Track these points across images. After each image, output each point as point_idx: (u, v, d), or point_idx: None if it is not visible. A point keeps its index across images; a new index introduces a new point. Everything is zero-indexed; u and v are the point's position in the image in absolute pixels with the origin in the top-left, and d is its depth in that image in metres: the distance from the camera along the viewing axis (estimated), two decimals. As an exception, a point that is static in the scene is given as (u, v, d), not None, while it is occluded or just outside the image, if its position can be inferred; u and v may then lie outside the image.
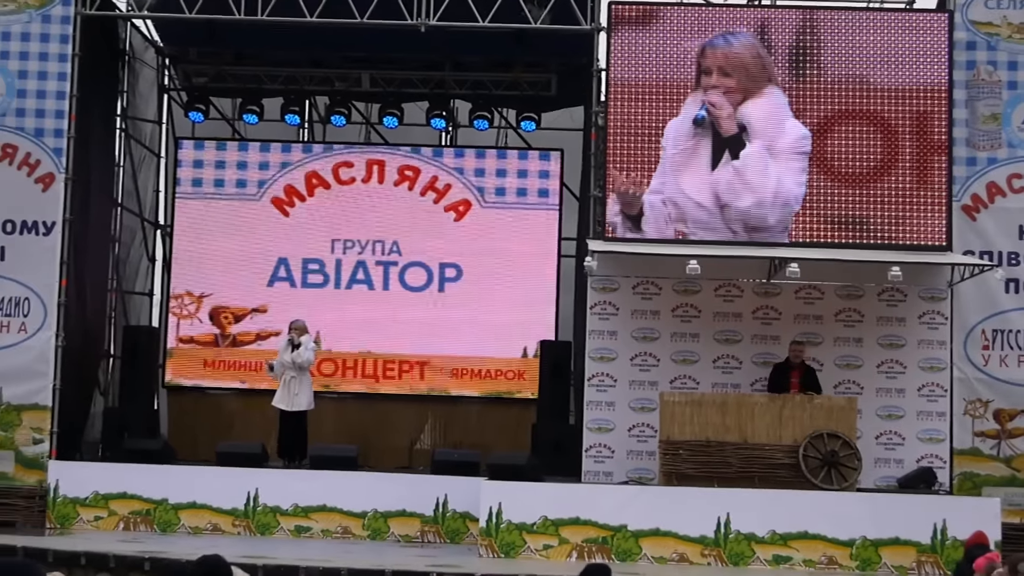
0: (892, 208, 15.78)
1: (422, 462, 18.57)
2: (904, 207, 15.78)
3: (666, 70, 15.95)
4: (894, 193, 15.79)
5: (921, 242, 15.71)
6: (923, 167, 15.83)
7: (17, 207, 16.63)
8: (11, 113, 16.74)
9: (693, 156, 15.84)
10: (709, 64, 15.96)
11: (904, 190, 15.79)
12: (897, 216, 15.77)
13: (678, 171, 15.81)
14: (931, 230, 15.74)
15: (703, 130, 15.80)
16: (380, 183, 19.96)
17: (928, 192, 15.80)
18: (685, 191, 15.77)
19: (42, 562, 12.31)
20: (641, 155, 15.84)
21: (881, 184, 15.81)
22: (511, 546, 14.57)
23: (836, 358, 16.25)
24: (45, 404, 16.44)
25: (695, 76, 15.96)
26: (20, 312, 16.49)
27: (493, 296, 19.53)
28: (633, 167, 15.84)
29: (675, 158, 15.81)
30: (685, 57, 15.95)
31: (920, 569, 14.32)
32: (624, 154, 15.86)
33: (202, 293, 19.78)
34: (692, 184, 15.77)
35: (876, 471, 15.84)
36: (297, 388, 16.70)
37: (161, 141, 20.86)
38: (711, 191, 15.75)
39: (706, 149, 15.84)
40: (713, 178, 15.76)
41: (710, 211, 15.76)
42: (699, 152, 15.84)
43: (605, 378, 16.19)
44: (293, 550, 14.36)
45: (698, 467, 14.83)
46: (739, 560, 14.39)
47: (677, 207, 15.78)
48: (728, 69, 15.95)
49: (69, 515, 15.99)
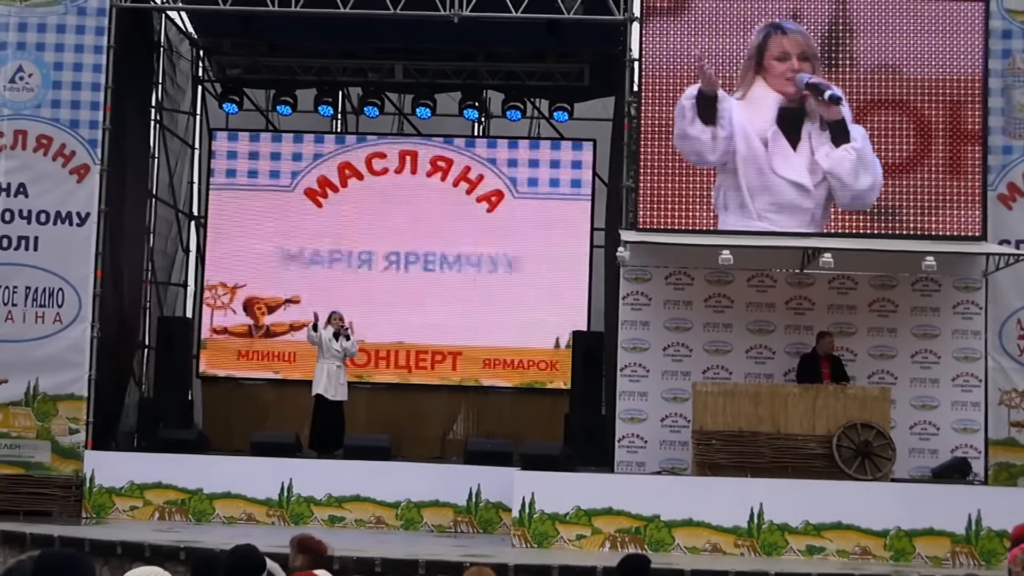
0: (926, 198, 15.69)
1: (455, 452, 18.60)
2: (938, 197, 15.69)
3: (699, 60, 15.87)
4: (928, 183, 15.70)
5: (956, 232, 15.62)
6: (958, 156, 15.73)
7: (52, 198, 16.72)
8: (47, 104, 16.83)
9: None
10: (786, 50, 15.77)
11: (938, 180, 15.70)
12: (931, 206, 15.69)
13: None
14: (966, 220, 15.65)
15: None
16: (413, 174, 19.99)
17: (963, 182, 15.70)
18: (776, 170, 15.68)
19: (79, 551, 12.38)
20: (674, 146, 15.79)
21: (915, 174, 15.72)
22: (544, 536, 14.59)
23: (870, 348, 16.20)
24: (81, 394, 16.54)
25: (755, 62, 15.82)
26: (55, 303, 16.59)
27: (525, 287, 19.53)
28: (666, 158, 15.80)
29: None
30: (718, 47, 15.87)
31: (954, 560, 14.26)
32: (657, 144, 15.82)
33: (236, 284, 19.87)
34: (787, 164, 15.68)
35: (910, 461, 15.78)
36: (342, 378, 17.01)
37: (195, 132, 20.94)
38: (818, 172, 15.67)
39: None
40: (831, 158, 15.68)
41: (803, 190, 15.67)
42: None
43: (638, 368, 16.18)
44: (327, 540, 14.36)
45: (731, 457, 14.81)
46: (772, 550, 14.37)
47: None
48: (808, 54, 15.82)
49: (105, 505, 16.09)
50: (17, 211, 16.70)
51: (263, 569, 5.82)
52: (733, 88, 15.78)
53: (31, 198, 16.70)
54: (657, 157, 15.81)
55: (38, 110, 16.82)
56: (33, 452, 16.49)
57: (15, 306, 16.59)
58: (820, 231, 15.60)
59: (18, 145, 16.77)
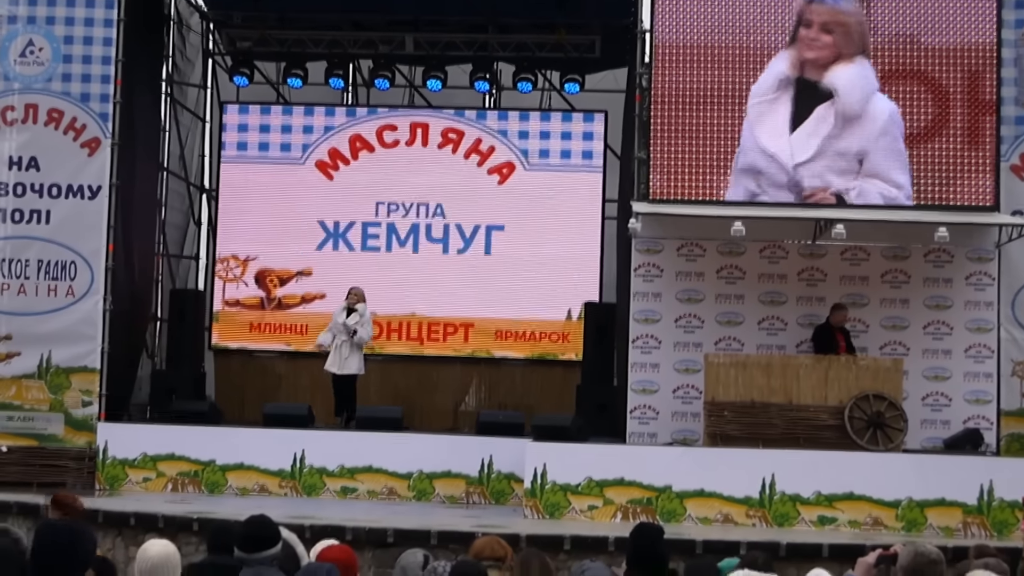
0: (939, 168, 15.62)
1: (467, 423, 18.64)
2: (952, 167, 15.62)
3: (711, 30, 15.84)
4: (942, 153, 15.63)
5: (968, 202, 15.57)
6: (971, 127, 15.64)
7: (63, 172, 16.73)
8: (57, 78, 16.82)
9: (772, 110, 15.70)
10: (812, 18, 15.69)
11: (952, 150, 15.63)
12: (944, 176, 15.63)
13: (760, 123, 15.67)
14: (978, 190, 15.60)
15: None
16: (424, 146, 19.96)
17: (976, 152, 15.63)
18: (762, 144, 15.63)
19: (92, 523, 12.44)
20: (686, 117, 15.75)
21: (929, 144, 15.65)
22: (556, 507, 14.62)
23: (882, 319, 16.18)
24: (94, 367, 16.59)
25: (793, 28, 15.73)
26: (67, 276, 16.62)
27: (537, 258, 19.51)
28: (678, 129, 15.75)
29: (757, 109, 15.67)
30: (730, 17, 15.81)
31: (966, 530, 14.26)
32: (669, 116, 15.77)
33: (247, 256, 19.88)
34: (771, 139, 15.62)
35: (922, 432, 15.79)
36: (347, 352, 16.92)
37: (206, 105, 20.93)
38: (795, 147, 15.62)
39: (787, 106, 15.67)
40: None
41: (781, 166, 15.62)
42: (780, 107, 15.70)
43: (649, 339, 16.18)
44: (339, 511, 14.46)
45: (743, 428, 14.83)
46: (784, 521, 14.39)
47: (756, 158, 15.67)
48: (832, 26, 15.71)
49: (118, 476, 16.15)
50: (29, 185, 16.71)
51: (278, 540, 5.83)
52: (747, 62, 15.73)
53: (42, 172, 16.72)
54: (669, 128, 15.77)
55: (49, 84, 16.81)
56: (46, 424, 16.55)
57: (28, 279, 16.63)
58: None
59: (29, 119, 16.78)
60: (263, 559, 5.73)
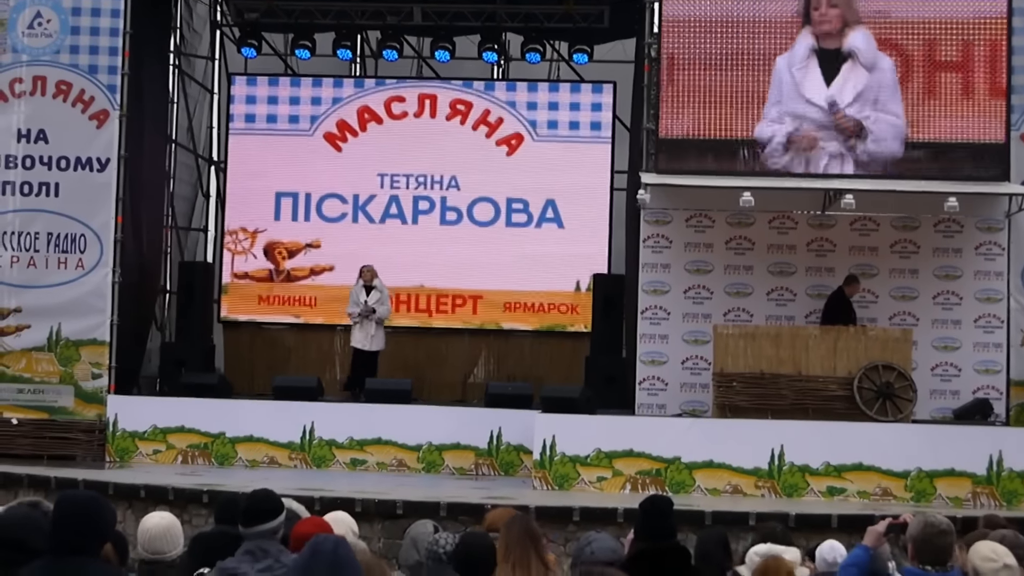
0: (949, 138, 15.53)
1: (476, 395, 18.66)
2: (961, 137, 15.53)
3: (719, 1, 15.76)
4: (951, 122, 15.53)
5: (978, 172, 15.48)
6: (982, 97, 15.55)
7: (72, 144, 16.72)
8: (65, 50, 16.79)
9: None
10: None
11: (962, 120, 15.54)
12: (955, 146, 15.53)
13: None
14: (988, 159, 15.50)
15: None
16: (432, 117, 19.92)
17: (986, 122, 15.54)
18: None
19: (103, 494, 12.47)
20: (695, 87, 15.67)
21: (938, 113, 15.56)
22: (565, 478, 14.64)
23: (891, 289, 16.16)
24: (103, 339, 16.61)
25: (804, 9, 15.66)
26: (76, 248, 16.63)
27: (546, 230, 19.50)
28: (687, 99, 15.68)
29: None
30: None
31: (975, 500, 14.26)
32: (678, 85, 15.71)
33: (256, 229, 19.87)
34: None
35: (931, 402, 15.77)
36: (374, 330, 17.17)
37: (214, 77, 20.91)
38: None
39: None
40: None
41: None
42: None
43: (658, 311, 16.17)
44: (349, 483, 14.49)
45: (752, 399, 14.82)
46: (793, 492, 14.39)
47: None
48: (835, 1, 15.65)
49: (128, 448, 16.19)
50: (37, 157, 16.71)
51: (278, 513, 5.83)
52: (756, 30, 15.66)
53: (51, 144, 16.71)
54: (678, 98, 15.70)
55: (57, 56, 16.79)
56: (56, 397, 16.59)
57: (37, 252, 16.64)
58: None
59: (37, 91, 16.77)
60: (263, 532, 5.73)
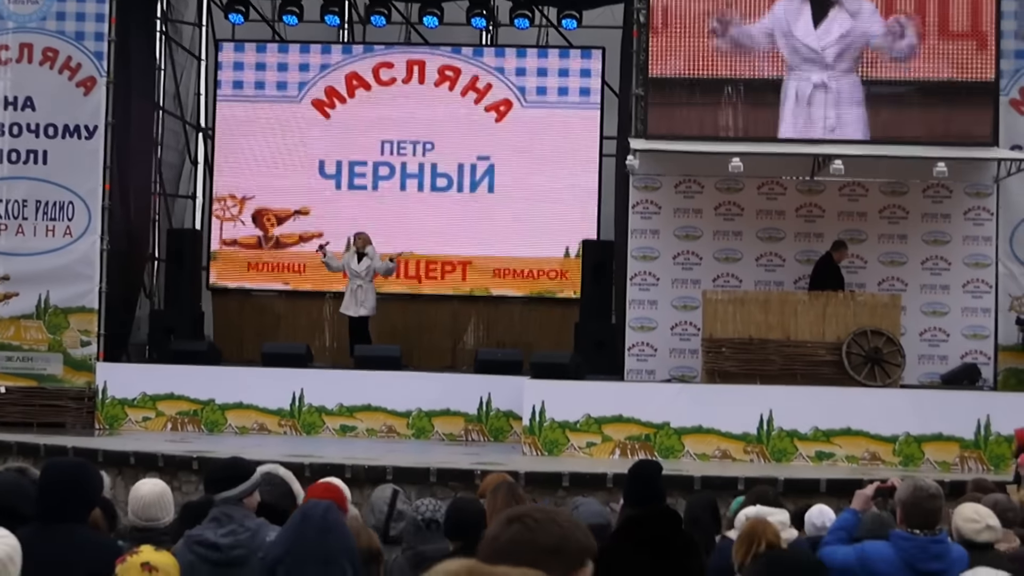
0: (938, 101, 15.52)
1: (465, 362, 18.67)
2: (950, 101, 15.51)
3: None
4: (940, 87, 15.51)
5: (966, 136, 15.48)
6: (970, 60, 15.52)
7: (59, 111, 16.67)
8: (51, 17, 16.72)
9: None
10: None
11: (950, 84, 15.52)
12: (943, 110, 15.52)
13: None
14: (977, 124, 15.49)
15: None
16: (421, 83, 19.87)
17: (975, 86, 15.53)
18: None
19: (92, 461, 12.48)
20: (684, 49, 15.62)
21: (927, 77, 15.53)
22: (554, 444, 14.67)
23: (880, 255, 16.18)
24: (92, 307, 16.60)
25: None
26: (64, 216, 16.60)
27: (535, 196, 19.46)
28: (676, 64, 15.64)
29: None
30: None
31: (963, 464, 14.32)
32: (667, 51, 15.66)
33: (244, 195, 19.83)
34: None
35: (920, 367, 15.82)
36: (363, 296, 17.21)
37: (201, 44, 20.81)
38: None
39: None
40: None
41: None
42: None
43: (647, 277, 16.18)
44: (339, 449, 14.51)
45: (740, 365, 14.85)
46: (782, 456, 14.44)
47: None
48: None
49: (118, 416, 16.20)
50: (25, 125, 16.66)
51: (246, 478, 5.83)
52: None
53: (38, 111, 16.67)
54: (667, 64, 15.66)
55: (43, 23, 16.72)
56: (45, 364, 16.60)
57: (25, 219, 16.62)
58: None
59: (24, 58, 16.71)
60: (227, 498, 5.75)
